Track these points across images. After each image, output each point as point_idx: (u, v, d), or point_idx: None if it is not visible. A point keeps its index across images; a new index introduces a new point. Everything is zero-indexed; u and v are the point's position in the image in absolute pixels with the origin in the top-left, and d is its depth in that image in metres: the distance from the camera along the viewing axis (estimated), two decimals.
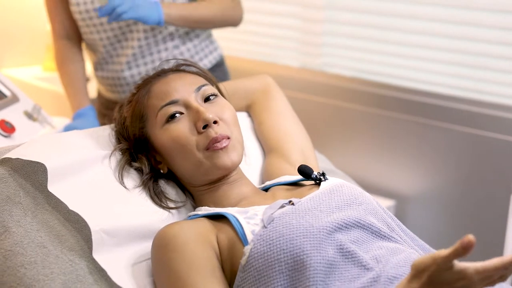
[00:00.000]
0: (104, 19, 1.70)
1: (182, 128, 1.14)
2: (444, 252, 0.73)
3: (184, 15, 1.66)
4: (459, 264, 0.74)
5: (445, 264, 0.74)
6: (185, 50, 1.81)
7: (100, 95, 1.95)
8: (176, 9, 1.64)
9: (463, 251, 0.71)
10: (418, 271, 0.77)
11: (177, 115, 1.15)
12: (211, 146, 1.11)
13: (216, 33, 1.96)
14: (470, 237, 0.70)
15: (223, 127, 1.14)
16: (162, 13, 1.59)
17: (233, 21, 1.82)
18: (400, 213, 2.29)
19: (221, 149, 1.12)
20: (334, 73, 2.46)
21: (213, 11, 1.73)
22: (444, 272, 0.74)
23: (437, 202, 2.19)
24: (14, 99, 1.66)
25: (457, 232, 2.15)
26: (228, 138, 1.13)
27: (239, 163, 1.16)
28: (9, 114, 1.59)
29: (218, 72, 1.89)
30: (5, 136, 1.52)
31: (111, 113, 1.33)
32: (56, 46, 1.82)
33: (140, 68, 1.77)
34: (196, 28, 1.76)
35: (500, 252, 1.90)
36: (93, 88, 2.20)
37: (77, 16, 1.73)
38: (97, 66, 1.84)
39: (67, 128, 1.66)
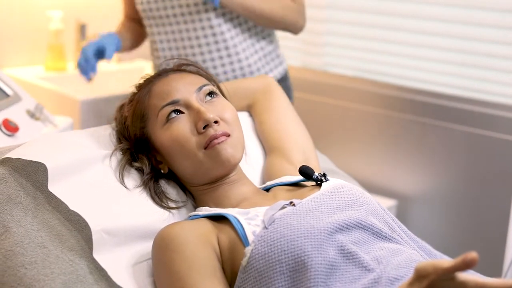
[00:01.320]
0: (163, 12, 1.71)
1: (182, 128, 1.13)
2: (445, 263, 0.73)
3: (244, 2, 1.63)
4: (461, 275, 0.74)
5: (445, 275, 0.74)
6: (252, 63, 1.76)
7: None
8: None
9: (464, 267, 0.71)
10: (419, 276, 0.77)
11: (178, 115, 1.14)
12: (210, 144, 1.11)
13: None
14: (473, 254, 0.70)
15: (224, 126, 1.14)
16: None
17: (293, 26, 1.75)
18: (402, 213, 2.28)
19: (219, 143, 1.11)
20: (336, 72, 2.45)
21: (274, 8, 1.68)
22: (444, 281, 0.75)
23: (439, 202, 2.19)
24: (16, 98, 1.66)
25: (459, 232, 2.14)
26: (228, 135, 1.13)
27: (239, 159, 1.15)
28: (12, 113, 1.59)
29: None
30: (9, 136, 1.51)
31: None
32: (122, 22, 1.91)
33: None
34: (252, 20, 1.70)
35: (501, 253, 1.89)
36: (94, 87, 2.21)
37: (138, 7, 1.77)
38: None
39: (92, 45, 1.72)
